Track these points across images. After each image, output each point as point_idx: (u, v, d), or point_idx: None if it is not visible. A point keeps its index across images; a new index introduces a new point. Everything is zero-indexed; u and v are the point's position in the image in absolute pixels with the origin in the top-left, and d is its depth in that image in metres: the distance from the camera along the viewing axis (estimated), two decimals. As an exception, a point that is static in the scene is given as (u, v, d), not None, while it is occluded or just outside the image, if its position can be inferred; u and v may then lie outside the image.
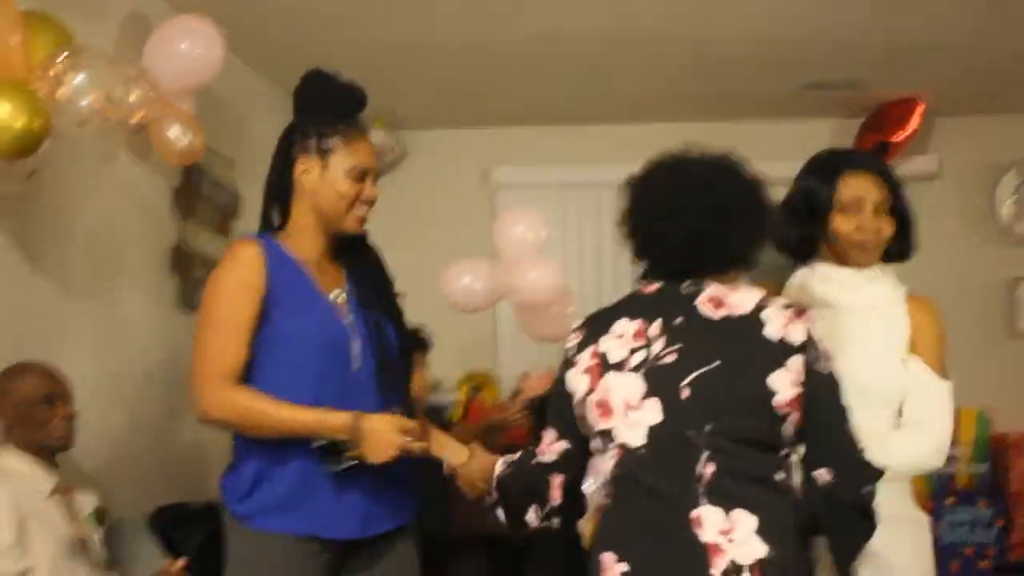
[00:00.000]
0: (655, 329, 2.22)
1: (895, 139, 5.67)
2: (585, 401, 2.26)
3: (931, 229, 2.67)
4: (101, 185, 3.82)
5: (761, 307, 2.19)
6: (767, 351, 2.15)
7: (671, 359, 2.17)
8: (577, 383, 2.28)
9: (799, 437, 2.18)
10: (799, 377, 2.14)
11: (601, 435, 2.23)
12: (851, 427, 2.20)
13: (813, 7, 4.47)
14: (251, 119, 4.83)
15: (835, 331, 2.43)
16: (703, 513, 2.08)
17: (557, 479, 2.37)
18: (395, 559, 2.68)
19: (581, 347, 2.30)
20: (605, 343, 2.25)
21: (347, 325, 2.62)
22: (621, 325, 2.25)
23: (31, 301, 3.40)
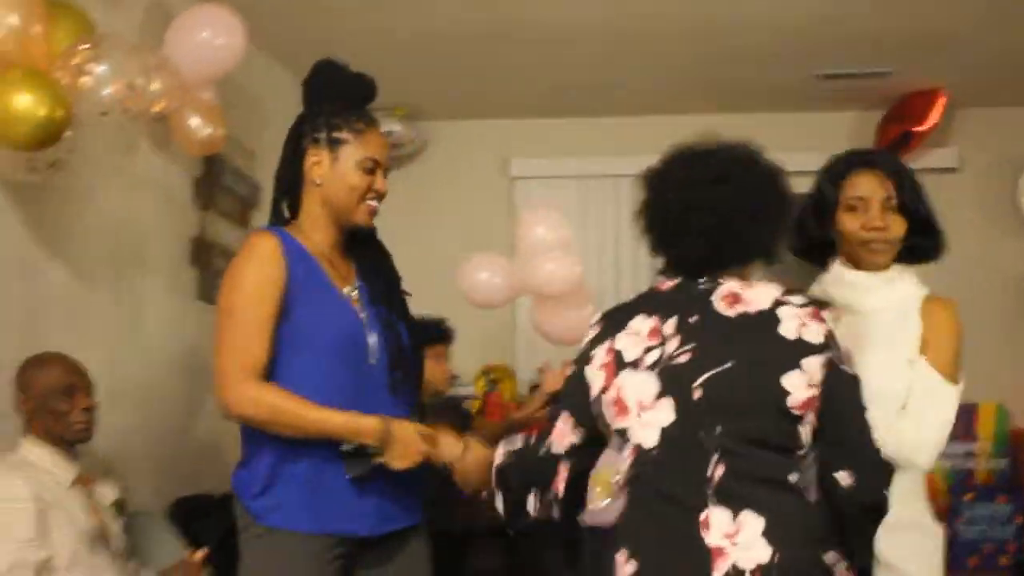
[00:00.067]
0: (670, 327, 2.20)
1: (916, 129, 5.63)
2: (601, 399, 2.25)
3: (951, 222, 2.64)
4: (122, 175, 3.83)
5: (779, 304, 2.16)
6: (782, 351, 2.12)
7: (685, 359, 2.15)
8: (593, 379, 2.27)
9: (816, 438, 2.15)
10: (815, 378, 2.12)
11: (619, 433, 2.22)
12: (871, 428, 2.18)
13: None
14: (272, 110, 4.81)
15: (849, 334, 2.39)
16: (712, 515, 2.06)
17: (565, 468, 2.35)
18: (408, 556, 2.68)
19: (597, 342, 2.28)
20: (621, 340, 2.23)
21: (362, 319, 2.62)
22: (637, 322, 2.23)
23: (51, 291, 3.41)
